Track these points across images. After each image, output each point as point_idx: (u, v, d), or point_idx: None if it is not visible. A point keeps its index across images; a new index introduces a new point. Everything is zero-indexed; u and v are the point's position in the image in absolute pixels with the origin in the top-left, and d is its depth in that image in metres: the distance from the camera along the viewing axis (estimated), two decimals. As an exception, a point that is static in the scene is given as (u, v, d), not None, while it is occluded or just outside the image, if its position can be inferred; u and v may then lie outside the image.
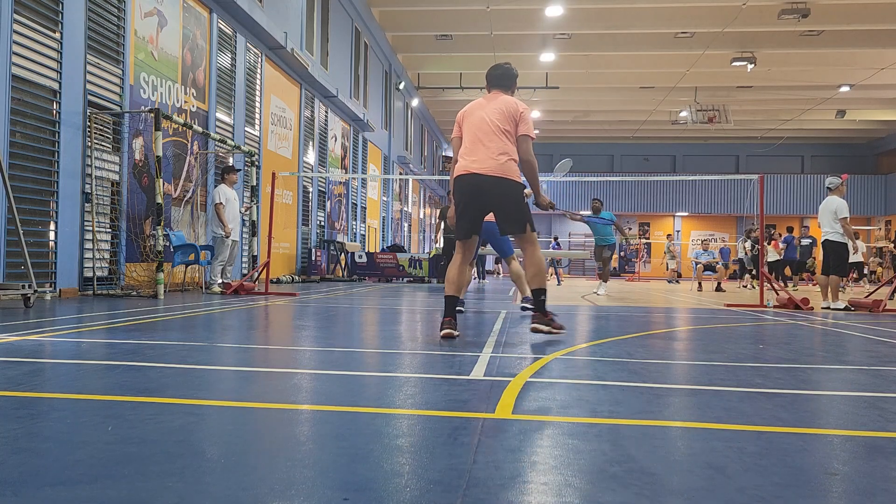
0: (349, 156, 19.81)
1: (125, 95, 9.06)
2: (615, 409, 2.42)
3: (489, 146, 4.42)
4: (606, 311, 7.73)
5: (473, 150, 4.47)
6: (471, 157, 4.47)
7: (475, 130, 4.50)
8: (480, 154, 4.43)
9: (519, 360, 3.57)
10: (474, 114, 4.57)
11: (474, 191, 4.45)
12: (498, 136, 4.44)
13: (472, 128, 4.53)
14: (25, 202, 7.35)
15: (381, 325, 5.55)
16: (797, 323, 6.51)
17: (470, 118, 4.58)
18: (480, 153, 4.43)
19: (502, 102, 4.55)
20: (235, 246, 10.18)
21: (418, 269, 17.19)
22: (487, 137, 4.44)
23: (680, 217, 37.29)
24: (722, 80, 25.12)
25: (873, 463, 1.84)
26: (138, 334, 4.34)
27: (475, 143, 4.47)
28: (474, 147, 4.47)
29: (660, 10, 18.93)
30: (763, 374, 3.26)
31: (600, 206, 12.27)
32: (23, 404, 2.33)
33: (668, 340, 4.66)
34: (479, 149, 4.44)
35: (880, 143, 36.15)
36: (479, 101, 4.68)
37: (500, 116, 4.47)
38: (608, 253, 12.44)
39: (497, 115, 4.48)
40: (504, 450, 1.87)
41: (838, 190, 8.90)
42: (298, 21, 15.13)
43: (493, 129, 4.45)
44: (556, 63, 23.34)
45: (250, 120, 13.13)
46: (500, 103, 4.55)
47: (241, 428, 2.10)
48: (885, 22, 18.76)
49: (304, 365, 3.37)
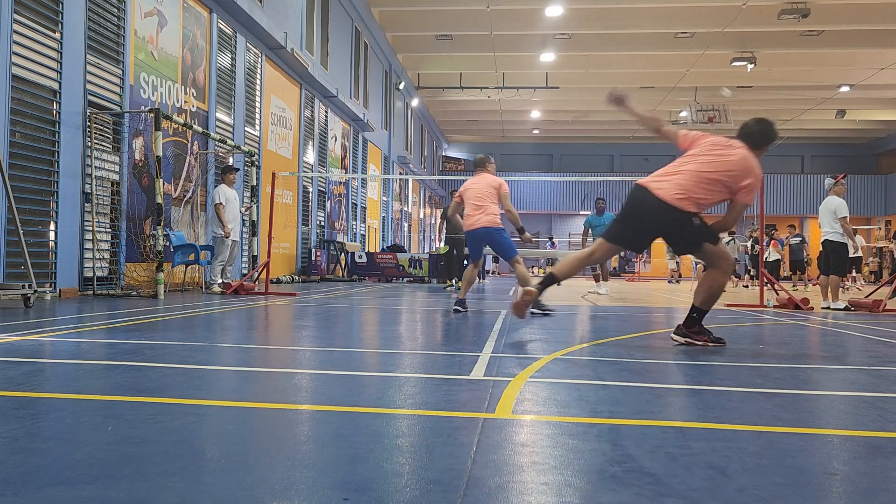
0: (349, 156, 19.81)
1: (125, 95, 9.06)
2: (615, 409, 2.42)
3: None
4: (606, 311, 7.73)
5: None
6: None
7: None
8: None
9: (519, 360, 3.57)
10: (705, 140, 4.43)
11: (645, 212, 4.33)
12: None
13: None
14: (25, 202, 7.35)
15: (381, 326, 5.55)
16: (797, 323, 6.51)
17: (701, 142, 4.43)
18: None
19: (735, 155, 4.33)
20: (235, 246, 10.18)
21: (418, 269, 17.19)
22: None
23: (680, 217, 37.21)
24: (722, 81, 25.11)
25: (873, 463, 1.83)
26: (138, 334, 4.34)
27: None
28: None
29: (660, 10, 18.93)
30: (763, 374, 3.26)
31: (604, 206, 12.63)
32: (23, 404, 2.33)
33: (668, 340, 4.65)
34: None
35: (880, 143, 36.15)
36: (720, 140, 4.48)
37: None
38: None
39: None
40: (504, 450, 1.87)
41: (837, 189, 8.90)
42: (298, 21, 15.13)
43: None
44: (556, 63, 23.34)
45: (250, 120, 13.13)
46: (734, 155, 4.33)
47: (241, 428, 2.10)
48: (885, 22, 18.76)
49: (305, 365, 3.37)
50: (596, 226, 12.35)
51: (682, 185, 4.19)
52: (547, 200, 35.97)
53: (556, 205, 35.83)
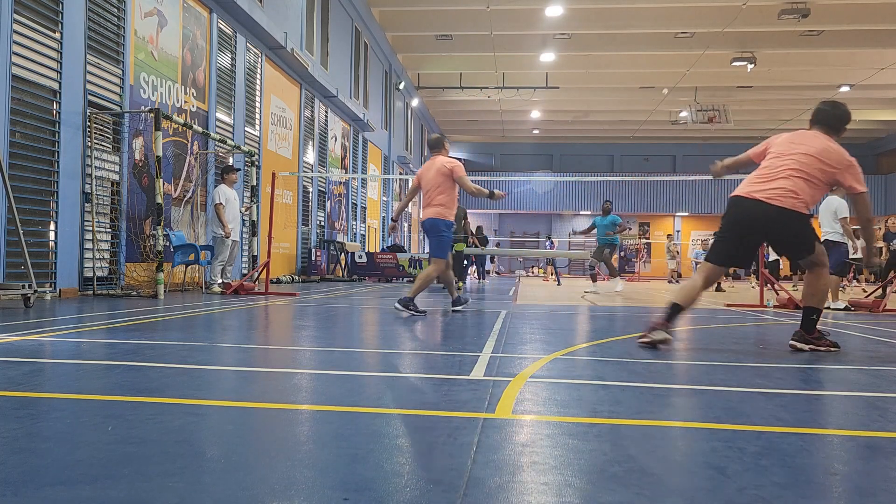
0: (349, 156, 19.80)
1: (125, 95, 9.05)
2: (615, 409, 2.42)
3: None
4: (606, 311, 7.73)
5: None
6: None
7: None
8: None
9: (519, 359, 3.57)
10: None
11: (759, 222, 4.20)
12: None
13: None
14: (25, 202, 7.35)
15: (382, 325, 5.55)
16: (797, 323, 6.49)
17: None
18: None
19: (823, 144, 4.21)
20: (235, 246, 10.18)
21: (418, 269, 17.19)
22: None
23: (680, 217, 37.29)
24: (722, 80, 25.12)
25: (873, 463, 1.83)
26: (138, 334, 4.34)
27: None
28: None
29: (660, 10, 18.93)
30: (763, 374, 3.26)
31: (610, 208, 13.05)
32: (23, 404, 2.33)
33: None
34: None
35: (880, 143, 36.16)
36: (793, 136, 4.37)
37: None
38: (608, 251, 12.97)
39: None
40: (504, 450, 1.87)
41: (838, 190, 8.90)
42: (298, 21, 15.13)
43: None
44: (556, 63, 23.34)
45: (250, 120, 13.13)
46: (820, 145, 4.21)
47: (241, 428, 2.10)
48: (885, 22, 18.76)
49: (304, 365, 3.37)
50: (601, 225, 12.89)
51: (792, 188, 4.11)
52: (547, 200, 35.96)
53: (556, 205, 35.82)
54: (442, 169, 6.47)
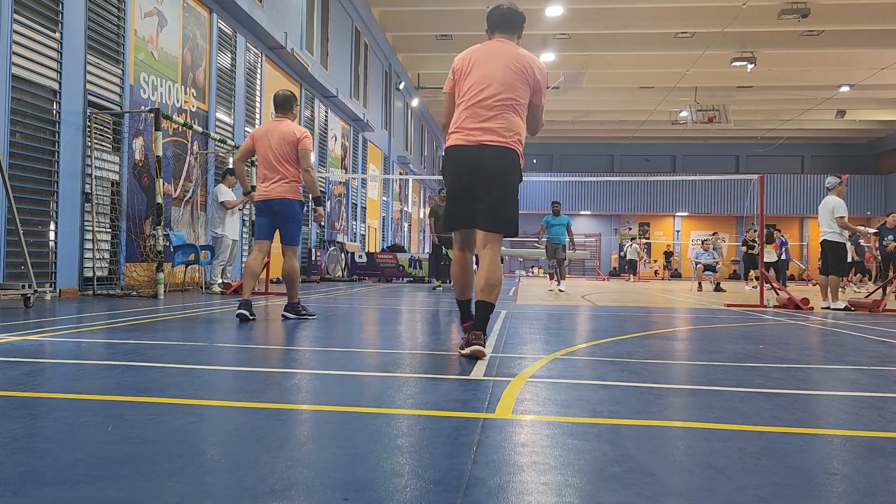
0: (349, 156, 19.80)
1: (125, 95, 9.06)
2: (615, 409, 2.42)
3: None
4: (606, 312, 7.73)
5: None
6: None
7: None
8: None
9: (519, 359, 3.57)
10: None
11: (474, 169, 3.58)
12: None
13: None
14: (25, 202, 7.35)
15: (381, 326, 5.55)
16: (797, 323, 6.50)
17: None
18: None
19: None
20: (235, 246, 10.19)
21: (418, 269, 17.19)
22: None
23: (680, 217, 37.29)
24: (722, 80, 25.12)
25: (873, 463, 1.83)
26: (138, 334, 4.34)
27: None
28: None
29: (660, 10, 18.94)
30: (763, 374, 3.26)
31: (559, 209, 13.52)
32: (23, 404, 2.33)
33: (668, 340, 4.66)
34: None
35: (880, 143, 36.17)
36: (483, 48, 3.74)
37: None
38: (562, 253, 13.37)
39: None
40: (504, 450, 1.87)
41: (837, 190, 8.91)
42: (298, 21, 15.13)
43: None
44: (556, 63, 23.34)
45: (250, 120, 13.13)
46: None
47: (241, 428, 2.10)
48: (885, 22, 18.77)
49: (304, 365, 3.37)
50: (553, 225, 13.27)
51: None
52: (547, 201, 35.95)
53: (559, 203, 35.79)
54: (289, 137, 5.51)
